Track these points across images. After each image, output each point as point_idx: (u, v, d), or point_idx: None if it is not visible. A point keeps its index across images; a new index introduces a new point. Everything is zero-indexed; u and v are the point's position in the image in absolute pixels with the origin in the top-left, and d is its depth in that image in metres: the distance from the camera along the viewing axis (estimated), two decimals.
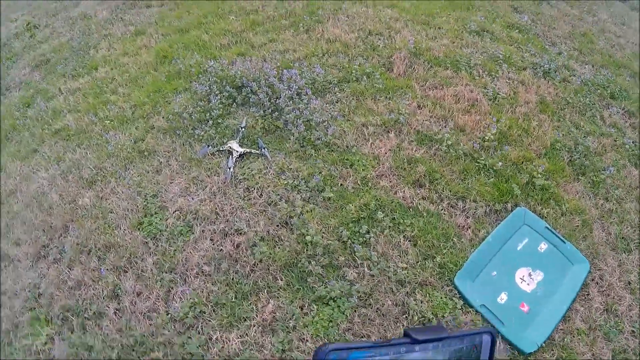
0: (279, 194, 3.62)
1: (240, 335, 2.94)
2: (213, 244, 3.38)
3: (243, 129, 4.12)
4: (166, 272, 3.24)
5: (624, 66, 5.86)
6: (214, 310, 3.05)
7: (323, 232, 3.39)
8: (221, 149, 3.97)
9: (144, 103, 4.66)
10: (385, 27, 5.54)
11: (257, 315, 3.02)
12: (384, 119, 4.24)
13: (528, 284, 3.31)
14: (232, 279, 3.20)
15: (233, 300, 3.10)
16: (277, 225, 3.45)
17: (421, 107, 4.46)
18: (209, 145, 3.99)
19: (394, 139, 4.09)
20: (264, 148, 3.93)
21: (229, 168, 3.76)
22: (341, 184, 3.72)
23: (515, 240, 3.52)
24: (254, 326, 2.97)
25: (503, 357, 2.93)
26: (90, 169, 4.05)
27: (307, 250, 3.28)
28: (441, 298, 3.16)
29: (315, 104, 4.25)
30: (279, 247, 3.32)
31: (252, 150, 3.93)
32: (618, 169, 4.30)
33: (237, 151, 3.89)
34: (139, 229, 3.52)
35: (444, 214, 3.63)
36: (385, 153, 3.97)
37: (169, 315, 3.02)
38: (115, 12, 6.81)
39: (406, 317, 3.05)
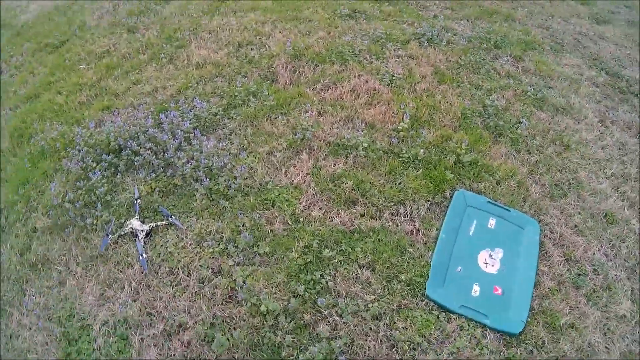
0: (209, 267, 3.12)
1: None
2: (160, 352, 2.82)
3: (138, 201, 3.49)
4: None
5: (495, 12, 5.88)
6: None
7: (275, 294, 2.95)
8: (122, 232, 3.35)
9: (15, 202, 3.87)
10: (254, 34, 5.09)
11: None
12: (289, 140, 3.84)
13: (492, 266, 3.20)
14: None
15: None
16: (222, 304, 2.96)
17: (323, 114, 4.10)
18: (107, 234, 3.35)
19: (307, 159, 3.70)
20: (171, 216, 3.35)
21: (141, 255, 3.16)
22: (271, 230, 3.27)
23: (465, 225, 3.37)
24: None
25: (495, 346, 2.80)
26: None
27: (266, 321, 2.84)
28: (422, 316, 2.90)
29: (209, 145, 3.75)
30: (235, 329, 2.83)
31: (158, 223, 3.35)
32: (528, 117, 4.25)
33: (141, 230, 3.29)
34: None
35: (389, 225, 3.33)
36: (304, 179, 3.56)
37: None
38: None
39: (396, 350, 2.76)
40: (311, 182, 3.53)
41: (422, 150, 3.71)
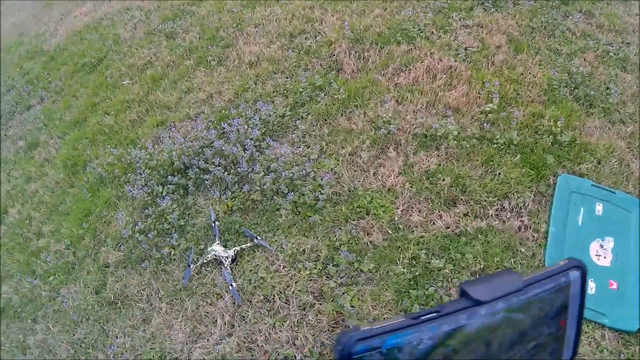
0: (308, 291, 2.83)
1: None
2: None
3: (216, 223, 3.23)
4: None
5: None
6: None
7: (385, 315, 2.67)
8: (205, 261, 3.08)
9: (81, 237, 3.65)
10: (305, 21, 4.70)
11: None
12: (372, 137, 3.48)
13: (605, 257, 2.87)
14: None
15: None
16: (329, 331, 2.68)
17: (401, 102, 3.72)
18: (189, 264, 3.09)
19: (397, 156, 3.35)
20: (256, 237, 3.08)
21: (230, 284, 2.90)
22: (370, 242, 2.96)
23: (573, 215, 3.02)
24: None
25: (614, 347, 2.52)
26: (65, 347, 3.10)
27: None
28: None
29: (284, 152, 3.42)
30: None
31: (243, 246, 3.07)
32: (614, 81, 3.85)
33: (226, 257, 3.02)
34: None
35: (496, 224, 2.98)
36: (397, 179, 3.22)
37: None
38: None
39: None
40: (405, 183, 3.19)
41: (515, 133, 3.34)
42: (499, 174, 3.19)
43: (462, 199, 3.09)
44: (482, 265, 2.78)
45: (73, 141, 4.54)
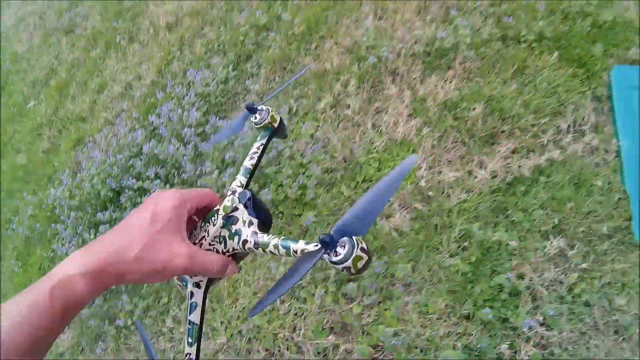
0: (324, 328, 1.86)
1: None
2: None
3: None
4: None
5: None
6: None
7: (444, 322, 1.72)
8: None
9: None
10: None
11: None
12: (357, 73, 2.42)
13: None
14: None
15: None
16: None
17: (383, 16, 2.58)
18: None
19: (398, 92, 2.32)
20: None
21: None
22: (395, 230, 1.97)
23: None
24: None
25: None
26: None
27: None
28: None
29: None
30: None
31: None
32: None
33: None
34: None
35: (556, 155, 1.99)
36: (408, 124, 2.21)
37: None
38: None
39: (623, 337, 1.66)
40: (421, 126, 2.19)
41: (543, 22, 2.31)
42: (540, 82, 2.17)
43: (503, 131, 2.09)
44: (555, 221, 1.82)
45: None
